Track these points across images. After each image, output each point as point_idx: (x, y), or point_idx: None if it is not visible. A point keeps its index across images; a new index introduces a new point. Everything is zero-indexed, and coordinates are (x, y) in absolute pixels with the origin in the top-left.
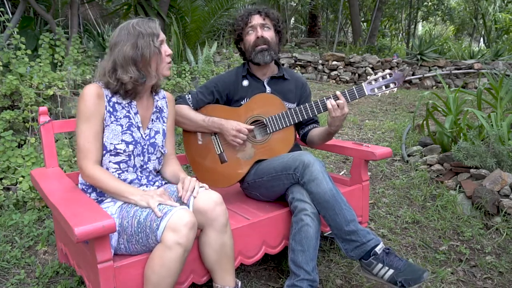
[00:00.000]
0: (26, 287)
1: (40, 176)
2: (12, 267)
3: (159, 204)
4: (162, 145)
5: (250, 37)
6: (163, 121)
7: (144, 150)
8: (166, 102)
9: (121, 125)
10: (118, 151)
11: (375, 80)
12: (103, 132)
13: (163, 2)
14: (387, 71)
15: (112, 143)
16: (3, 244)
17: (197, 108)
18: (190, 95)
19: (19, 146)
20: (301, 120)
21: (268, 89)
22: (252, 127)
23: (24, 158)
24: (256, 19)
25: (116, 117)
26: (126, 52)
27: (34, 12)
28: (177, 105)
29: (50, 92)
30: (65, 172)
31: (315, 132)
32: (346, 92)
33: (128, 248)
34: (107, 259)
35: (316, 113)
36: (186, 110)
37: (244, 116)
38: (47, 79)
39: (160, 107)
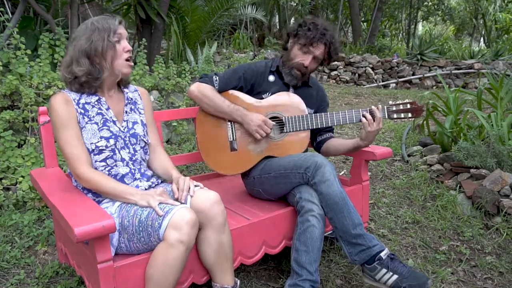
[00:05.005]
0: (26, 287)
1: (40, 176)
2: (12, 267)
3: (160, 203)
4: (144, 134)
5: (299, 55)
6: (139, 112)
7: (127, 142)
8: (139, 95)
9: (96, 123)
10: (100, 148)
11: (396, 105)
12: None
13: (163, 2)
14: (408, 100)
15: (92, 143)
16: (3, 244)
17: (220, 91)
18: (217, 77)
19: (19, 146)
20: (319, 126)
21: (291, 89)
22: (274, 123)
23: (24, 158)
24: (318, 50)
25: (89, 116)
26: (80, 45)
27: (34, 12)
28: (201, 83)
29: (50, 92)
30: (65, 172)
31: (338, 142)
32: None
33: (129, 247)
34: (107, 259)
35: (336, 124)
36: (210, 91)
37: (264, 110)
38: (47, 79)
39: (131, 98)
